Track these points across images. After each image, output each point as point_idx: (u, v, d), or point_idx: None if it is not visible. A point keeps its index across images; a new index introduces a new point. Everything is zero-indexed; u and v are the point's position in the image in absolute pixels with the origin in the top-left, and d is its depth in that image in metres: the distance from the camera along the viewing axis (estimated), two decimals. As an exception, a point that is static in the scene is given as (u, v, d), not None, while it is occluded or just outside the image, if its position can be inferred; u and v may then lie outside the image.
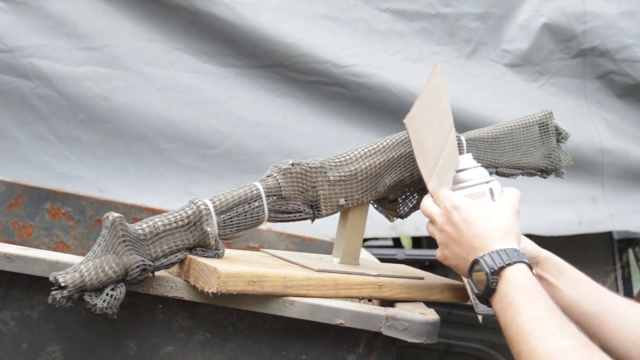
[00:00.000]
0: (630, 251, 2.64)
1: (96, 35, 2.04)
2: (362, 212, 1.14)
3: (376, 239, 2.82)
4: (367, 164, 1.12)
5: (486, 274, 0.95)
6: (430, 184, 1.07)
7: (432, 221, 1.07)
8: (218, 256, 1.02)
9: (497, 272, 0.95)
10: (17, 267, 0.93)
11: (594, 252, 2.55)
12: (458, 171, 1.11)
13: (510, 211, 1.03)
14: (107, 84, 2.04)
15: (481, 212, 1.01)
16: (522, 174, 1.31)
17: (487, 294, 0.96)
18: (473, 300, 1.07)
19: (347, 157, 1.11)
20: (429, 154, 1.07)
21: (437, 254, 1.08)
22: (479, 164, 1.12)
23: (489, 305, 0.98)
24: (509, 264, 0.95)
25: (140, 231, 0.95)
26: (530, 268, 0.97)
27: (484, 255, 0.97)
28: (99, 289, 0.90)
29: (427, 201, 1.08)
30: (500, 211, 1.02)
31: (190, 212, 0.99)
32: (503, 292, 0.94)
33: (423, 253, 2.35)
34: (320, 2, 2.19)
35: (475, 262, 0.98)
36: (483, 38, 2.34)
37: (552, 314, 0.89)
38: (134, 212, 1.80)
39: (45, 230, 1.79)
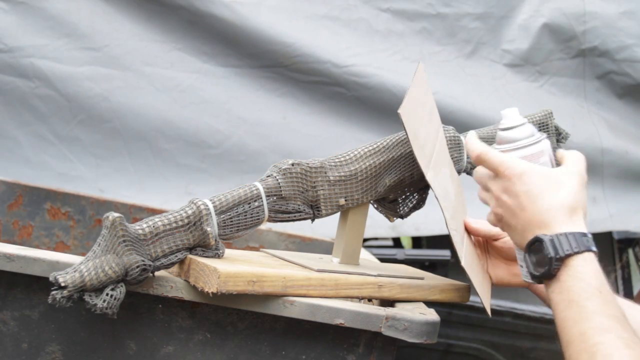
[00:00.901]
0: (630, 251, 2.64)
1: (96, 35, 2.04)
2: (362, 212, 1.14)
3: (376, 239, 2.82)
4: (367, 164, 1.12)
5: (550, 258, 0.87)
6: (428, 174, 1.05)
7: (485, 188, 0.99)
8: (218, 256, 1.02)
9: (561, 259, 0.87)
10: (17, 267, 0.93)
11: (594, 252, 2.54)
12: (503, 129, 1.00)
13: (578, 182, 0.91)
14: (107, 84, 2.04)
15: (546, 183, 0.90)
16: (522, 174, 1.31)
17: (545, 278, 0.89)
18: (522, 269, 1.02)
19: (347, 157, 1.11)
20: (424, 144, 1.06)
21: (488, 217, 1.00)
22: (526, 120, 1.01)
23: (541, 283, 0.92)
24: (577, 252, 0.87)
25: (140, 231, 0.95)
26: (597, 256, 0.88)
27: (549, 237, 0.88)
28: (99, 289, 0.90)
29: (480, 168, 1.00)
30: (568, 182, 0.91)
31: (190, 212, 0.99)
32: (567, 286, 0.86)
33: (423, 253, 2.35)
34: (320, 2, 2.19)
35: (538, 240, 0.89)
36: (483, 38, 2.34)
37: (620, 325, 0.82)
38: (134, 212, 1.80)
39: (45, 230, 1.79)
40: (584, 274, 0.86)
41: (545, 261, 0.88)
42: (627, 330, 0.82)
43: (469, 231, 1.20)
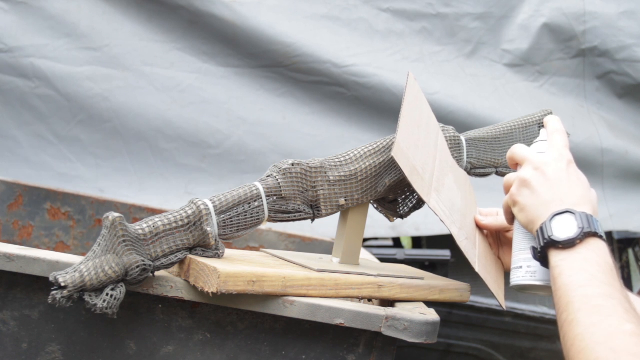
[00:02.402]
0: (630, 251, 2.64)
1: (96, 35, 2.04)
2: (362, 212, 1.14)
3: (376, 239, 2.82)
4: (367, 164, 1.12)
5: (580, 228, 0.91)
6: (431, 202, 1.07)
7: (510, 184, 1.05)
8: (218, 256, 1.02)
9: (587, 235, 0.91)
10: (17, 267, 0.93)
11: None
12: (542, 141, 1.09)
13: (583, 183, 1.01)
14: (107, 84, 2.04)
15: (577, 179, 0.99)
16: (522, 173, 1.31)
17: (566, 246, 0.92)
18: (519, 270, 1.05)
19: (347, 157, 1.11)
20: (423, 172, 1.08)
21: (505, 201, 1.06)
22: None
23: (546, 262, 0.95)
24: (599, 236, 0.92)
25: (140, 231, 0.95)
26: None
27: (580, 212, 0.93)
28: (99, 289, 0.90)
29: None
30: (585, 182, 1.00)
31: (190, 212, 0.99)
32: (582, 256, 0.90)
33: (423, 253, 2.35)
34: (320, 2, 2.19)
35: (569, 211, 0.94)
36: (483, 38, 2.34)
37: (624, 297, 0.87)
38: (134, 212, 1.80)
39: (45, 230, 1.79)
40: (602, 251, 0.91)
41: (574, 231, 0.92)
42: (630, 307, 0.86)
43: (479, 228, 1.22)
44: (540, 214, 0.98)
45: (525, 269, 1.04)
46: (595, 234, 0.92)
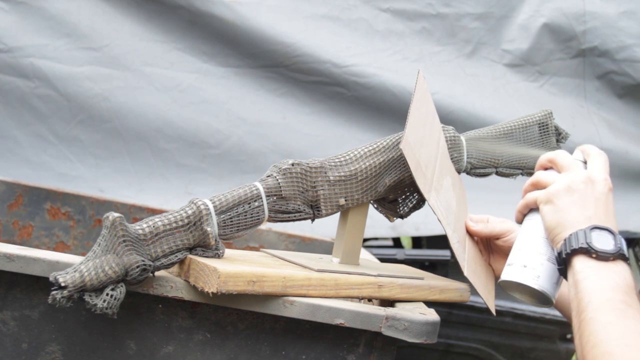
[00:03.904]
0: (630, 251, 2.64)
1: (96, 35, 2.04)
2: (362, 212, 1.14)
3: (376, 239, 2.83)
4: (367, 164, 1.12)
5: (618, 247, 0.94)
6: (430, 199, 1.07)
7: (547, 182, 1.06)
8: (218, 256, 1.02)
9: (617, 256, 0.94)
10: (17, 267, 0.93)
11: (594, 252, 2.54)
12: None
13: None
14: (107, 84, 2.04)
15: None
16: (522, 174, 1.31)
17: (603, 257, 0.94)
18: (531, 270, 1.04)
19: (347, 157, 1.11)
20: (425, 170, 1.08)
21: (533, 195, 1.06)
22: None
23: (563, 267, 0.97)
24: (626, 259, 0.95)
25: (140, 231, 0.95)
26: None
27: (618, 234, 0.96)
28: (99, 289, 0.90)
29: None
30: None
31: (190, 212, 0.99)
32: (610, 268, 0.92)
33: (423, 253, 2.35)
34: (320, 2, 2.19)
35: (607, 229, 0.96)
36: (483, 38, 2.34)
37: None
38: (134, 212, 1.80)
39: (45, 230, 1.79)
40: (628, 274, 0.93)
41: (611, 247, 0.94)
42: None
43: (469, 233, 1.22)
44: (577, 222, 0.99)
45: (529, 270, 1.03)
46: (625, 259, 0.94)
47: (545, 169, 1.09)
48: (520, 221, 1.10)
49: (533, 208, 1.08)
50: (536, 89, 2.39)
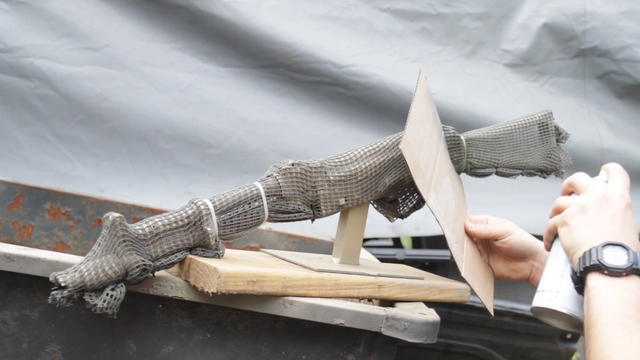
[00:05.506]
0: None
1: (96, 35, 2.04)
2: (362, 212, 1.14)
3: (376, 239, 2.82)
4: (367, 164, 1.12)
5: (630, 261, 0.94)
6: (429, 199, 1.07)
7: (565, 205, 1.06)
8: (218, 256, 1.02)
9: (631, 271, 0.93)
10: (17, 267, 0.93)
11: (594, 252, 2.54)
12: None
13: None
14: (107, 84, 2.04)
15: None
16: (522, 174, 1.31)
17: (616, 274, 0.94)
18: (553, 286, 1.05)
19: (347, 157, 1.11)
20: (425, 170, 1.08)
21: (556, 220, 1.06)
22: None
23: (580, 286, 0.97)
24: (636, 270, 0.94)
25: (140, 231, 0.95)
26: None
27: (632, 250, 0.95)
28: (99, 289, 0.90)
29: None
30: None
31: (190, 212, 0.99)
32: (623, 284, 0.92)
33: (423, 253, 2.35)
34: (320, 2, 2.19)
35: (621, 245, 0.96)
36: (483, 38, 2.34)
37: None
38: (134, 212, 1.80)
39: (45, 230, 1.79)
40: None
41: (623, 262, 0.94)
42: None
43: (468, 234, 1.22)
44: (589, 240, 0.99)
45: (554, 293, 1.04)
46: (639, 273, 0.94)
47: (569, 193, 1.10)
48: (548, 249, 1.11)
49: (556, 234, 1.08)
50: (536, 89, 2.39)
